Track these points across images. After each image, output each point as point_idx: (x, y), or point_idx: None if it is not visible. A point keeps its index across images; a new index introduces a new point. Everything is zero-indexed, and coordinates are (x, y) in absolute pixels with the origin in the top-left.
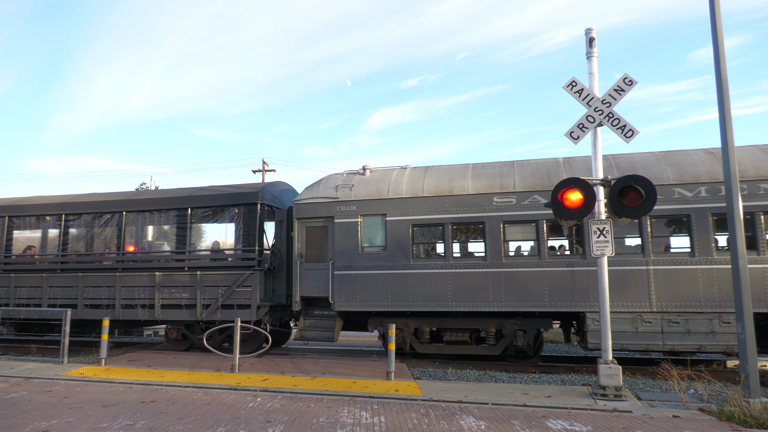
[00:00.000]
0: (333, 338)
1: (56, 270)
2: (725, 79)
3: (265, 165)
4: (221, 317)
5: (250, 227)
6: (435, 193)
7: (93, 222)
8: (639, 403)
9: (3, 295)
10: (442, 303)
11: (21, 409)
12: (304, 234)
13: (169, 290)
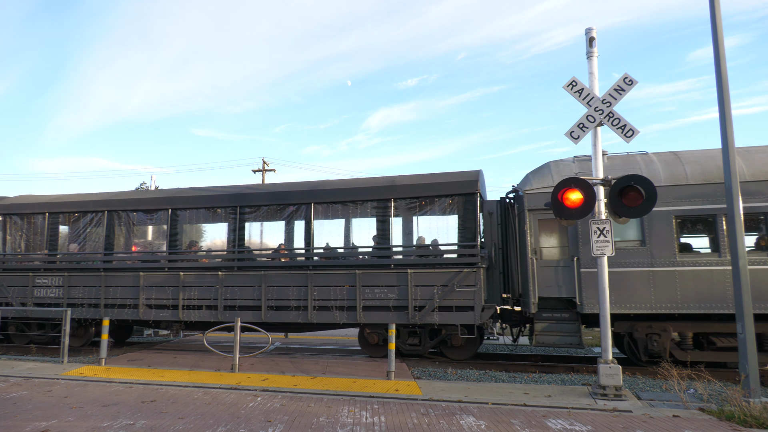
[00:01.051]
0: (581, 343)
1: (232, 268)
2: (725, 79)
3: (265, 165)
4: (439, 320)
5: (468, 219)
6: (702, 180)
7: (274, 215)
8: (639, 403)
9: (171, 296)
10: (720, 304)
11: (21, 408)
12: (537, 227)
13: (372, 290)
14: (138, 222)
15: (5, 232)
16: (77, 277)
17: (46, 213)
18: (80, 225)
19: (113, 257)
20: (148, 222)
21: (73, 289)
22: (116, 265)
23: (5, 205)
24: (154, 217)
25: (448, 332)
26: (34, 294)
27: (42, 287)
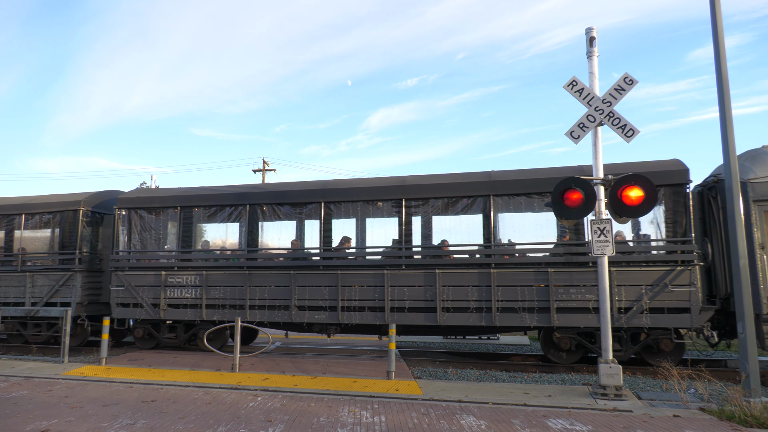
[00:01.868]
0: None
1: (400, 266)
2: (726, 79)
3: (265, 164)
4: (650, 323)
5: (678, 213)
6: None
7: (445, 208)
8: (639, 403)
9: (328, 296)
10: None
11: (22, 408)
12: (764, 219)
13: (566, 291)
14: (285, 216)
15: (130, 227)
16: (217, 275)
17: (179, 207)
18: (217, 219)
19: (258, 254)
20: (296, 216)
21: (213, 289)
22: (262, 263)
23: (128, 199)
24: (304, 211)
25: (654, 336)
26: (166, 294)
27: (176, 287)
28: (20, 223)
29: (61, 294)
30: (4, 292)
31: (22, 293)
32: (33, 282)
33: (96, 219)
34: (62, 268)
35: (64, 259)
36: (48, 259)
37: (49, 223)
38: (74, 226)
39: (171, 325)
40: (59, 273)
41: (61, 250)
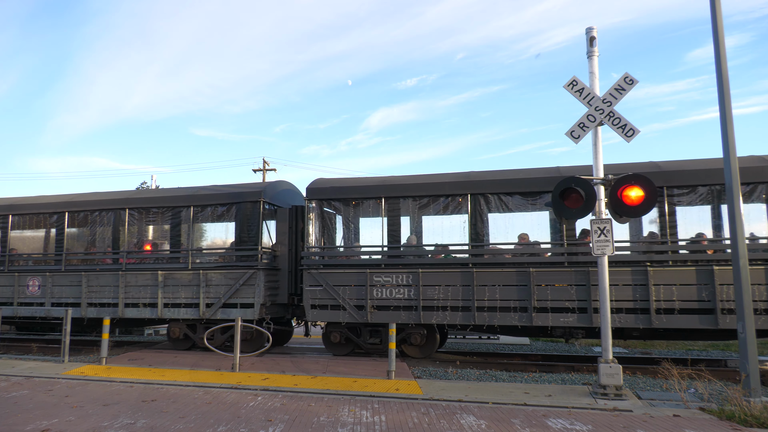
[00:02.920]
0: None
1: (562, 264)
2: (726, 79)
3: (265, 164)
4: None
5: None
6: None
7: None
8: (639, 402)
9: (468, 297)
10: None
11: (22, 407)
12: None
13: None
14: (515, 207)
15: (323, 220)
16: (433, 274)
17: (382, 197)
18: (430, 210)
19: (485, 250)
20: (529, 207)
21: (429, 288)
22: (491, 259)
23: (320, 189)
24: (538, 202)
25: None
26: (373, 294)
27: (384, 287)
28: (188, 215)
29: (241, 294)
30: (173, 292)
31: (193, 293)
32: (207, 281)
33: (270, 212)
34: (242, 265)
35: (244, 256)
36: (221, 255)
37: (224, 216)
38: (254, 220)
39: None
40: (238, 271)
41: (238, 246)
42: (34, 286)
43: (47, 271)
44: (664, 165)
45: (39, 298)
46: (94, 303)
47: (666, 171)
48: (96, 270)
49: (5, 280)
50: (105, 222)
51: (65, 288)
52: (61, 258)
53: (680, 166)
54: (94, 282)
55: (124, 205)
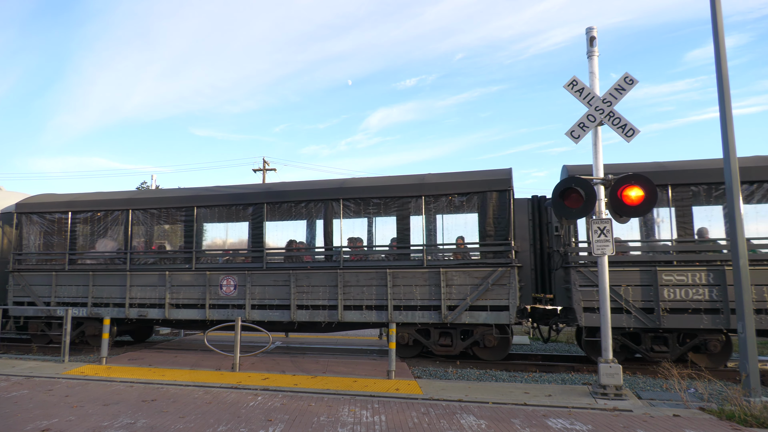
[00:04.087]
0: None
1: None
2: (726, 79)
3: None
4: None
5: None
6: None
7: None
8: (639, 402)
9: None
10: None
11: (22, 407)
12: None
13: None
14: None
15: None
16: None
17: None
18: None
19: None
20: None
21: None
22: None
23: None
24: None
25: None
26: (663, 296)
27: (677, 287)
28: (419, 206)
29: (490, 295)
30: (404, 293)
31: (431, 294)
32: (447, 280)
33: None
34: (491, 263)
35: (492, 252)
36: (458, 252)
37: (462, 207)
38: (502, 211)
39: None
40: (486, 269)
41: (482, 240)
42: (228, 286)
43: (246, 269)
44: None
45: (235, 300)
46: (306, 305)
47: None
48: (307, 269)
49: (194, 279)
50: (312, 214)
51: (267, 288)
52: (261, 255)
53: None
54: (304, 281)
55: (337, 195)
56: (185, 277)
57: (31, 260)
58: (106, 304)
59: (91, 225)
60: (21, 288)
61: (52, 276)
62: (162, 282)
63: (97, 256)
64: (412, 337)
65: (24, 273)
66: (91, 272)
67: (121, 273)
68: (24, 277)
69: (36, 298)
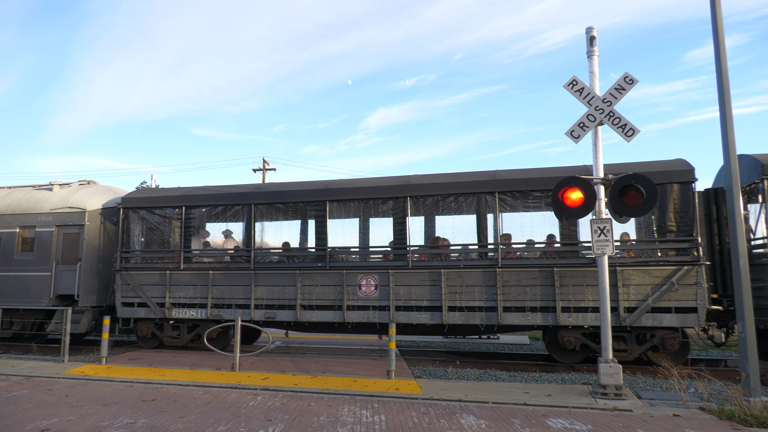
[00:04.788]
0: None
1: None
2: (726, 79)
3: (265, 164)
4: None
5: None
6: None
7: None
8: (639, 402)
9: None
10: None
11: (22, 407)
12: None
13: None
14: None
15: None
16: None
17: None
18: None
19: None
20: None
21: None
22: None
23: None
24: None
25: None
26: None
27: None
28: None
29: (675, 296)
30: (573, 293)
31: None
32: (624, 280)
33: None
34: (674, 261)
35: (674, 249)
36: (630, 250)
37: None
38: (685, 204)
39: None
40: (668, 267)
41: (661, 236)
42: (368, 286)
43: (388, 267)
44: None
45: (376, 301)
46: (460, 307)
47: None
48: (460, 267)
49: (328, 279)
50: (462, 208)
51: (414, 288)
52: (404, 252)
53: None
54: (456, 281)
55: (491, 189)
56: (318, 277)
57: (139, 258)
58: (228, 305)
59: (208, 220)
60: (131, 288)
61: (165, 275)
62: (292, 282)
63: (216, 254)
64: (579, 342)
65: (132, 272)
66: (211, 271)
67: (244, 272)
68: (132, 276)
69: (147, 299)
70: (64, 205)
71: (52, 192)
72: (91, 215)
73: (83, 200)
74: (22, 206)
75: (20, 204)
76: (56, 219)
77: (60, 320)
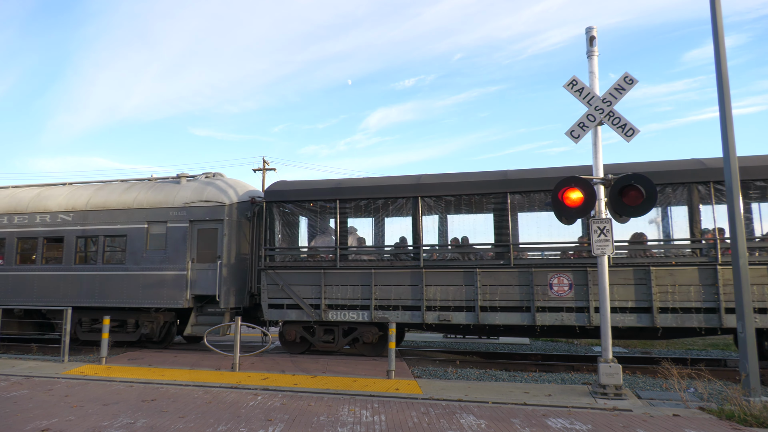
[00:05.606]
0: None
1: None
2: (726, 79)
3: (265, 164)
4: None
5: None
6: None
7: None
8: (639, 402)
9: None
10: None
11: (22, 407)
12: None
13: None
14: None
15: None
16: None
17: None
18: None
19: None
20: None
21: None
22: None
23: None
24: None
25: None
26: None
27: None
28: None
29: None
30: None
31: None
32: None
33: None
34: None
35: None
36: None
37: None
38: None
39: None
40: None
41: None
42: (561, 285)
43: (586, 265)
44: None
45: (571, 302)
46: (673, 308)
47: None
48: (671, 264)
49: (512, 277)
50: (670, 200)
51: (616, 288)
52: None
53: None
54: (667, 279)
55: (706, 178)
56: (501, 275)
57: (288, 256)
58: (395, 307)
59: (366, 214)
60: (279, 288)
61: (319, 274)
62: (469, 281)
63: (378, 251)
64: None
65: (279, 270)
66: (373, 270)
67: (412, 270)
68: (280, 275)
69: (299, 300)
70: (198, 198)
71: (181, 185)
72: (230, 210)
73: (220, 194)
74: (151, 200)
75: (148, 198)
76: (191, 214)
77: (196, 323)
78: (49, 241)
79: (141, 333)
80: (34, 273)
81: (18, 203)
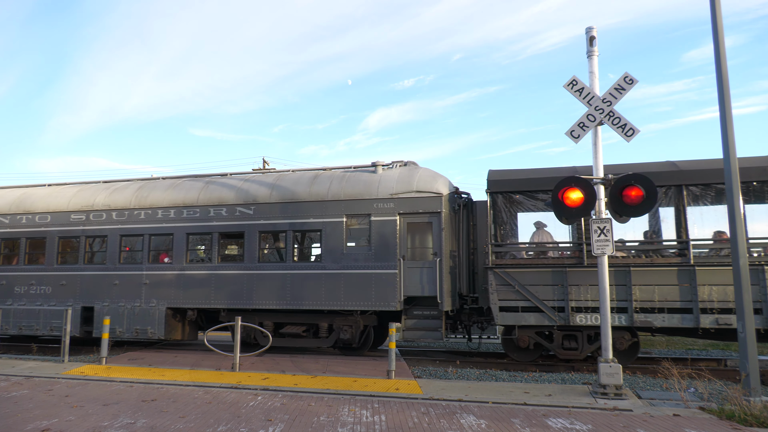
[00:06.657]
0: None
1: None
2: (726, 79)
3: (265, 164)
4: None
5: None
6: None
7: None
8: (639, 402)
9: None
10: None
11: (22, 407)
12: None
13: None
14: None
15: None
16: None
17: None
18: None
19: None
20: None
21: None
22: None
23: None
24: None
25: None
26: None
27: None
28: None
29: None
30: None
31: None
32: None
33: None
34: None
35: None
36: None
37: None
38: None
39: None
40: None
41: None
42: None
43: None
44: None
45: None
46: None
47: None
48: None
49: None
50: None
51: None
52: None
53: None
54: None
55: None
56: None
57: (520, 254)
58: (660, 310)
59: None
60: (513, 290)
61: (562, 273)
62: (756, 280)
63: (643, 247)
64: None
65: (511, 269)
66: (631, 267)
67: (682, 267)
68: (512, 274)
69: (539, 302)
70: (408, 189)
71: (380, 174)
72: (445, 201)
73: (434, 183)
74: (348, 191)
75: (344, 189)
76: (399, 206)
77: (410, 326)
78: (224, 237)
79: (338, 338)
80: (211, 272)
81: (187, 195)
